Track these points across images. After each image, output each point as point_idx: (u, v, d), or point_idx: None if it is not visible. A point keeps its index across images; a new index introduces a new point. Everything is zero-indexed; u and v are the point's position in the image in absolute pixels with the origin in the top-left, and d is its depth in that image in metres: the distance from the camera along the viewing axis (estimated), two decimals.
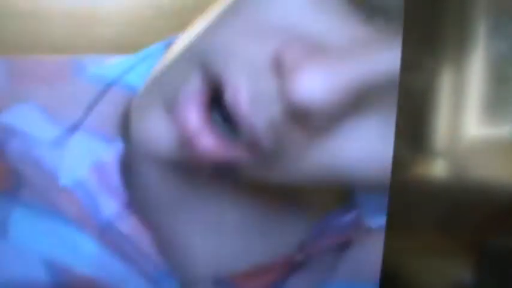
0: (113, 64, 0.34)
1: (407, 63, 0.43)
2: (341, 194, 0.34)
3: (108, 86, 0.33)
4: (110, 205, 0.30)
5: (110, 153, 0.31)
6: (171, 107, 0.28)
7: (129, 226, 0.30)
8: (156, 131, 0.28)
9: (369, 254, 0.33)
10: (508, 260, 0.41)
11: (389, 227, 0.42)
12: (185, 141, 0.27)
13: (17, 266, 0.30)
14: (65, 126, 0.32)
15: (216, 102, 0.27)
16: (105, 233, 0.30)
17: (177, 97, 0.28)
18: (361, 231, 0.33)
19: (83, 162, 0.31)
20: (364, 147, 0.30)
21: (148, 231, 0.31)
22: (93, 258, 0.31)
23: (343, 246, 0.33)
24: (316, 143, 0.29)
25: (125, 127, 0.31)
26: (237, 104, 0.26)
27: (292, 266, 0.32)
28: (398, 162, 0.42)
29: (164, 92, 0.29)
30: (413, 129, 0.43)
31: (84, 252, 0.31)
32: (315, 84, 0.25)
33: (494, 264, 0.42)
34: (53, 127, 0.32)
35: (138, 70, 0.33)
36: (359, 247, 0.34)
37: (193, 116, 0.27)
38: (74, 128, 0.32)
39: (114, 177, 0.31)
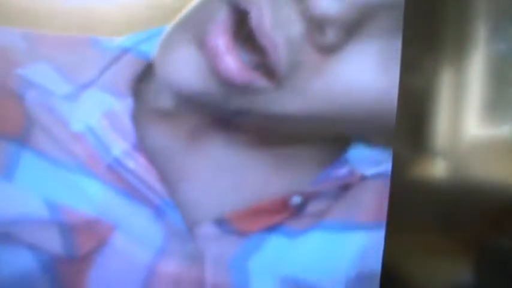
0: (127, 37, 0.37)
1: (407, 63, 0.43)
2: (337, 147, 0.36)
3: (123, 51, 0.36)
4: (119, 145, 0.34)
5: (121, 105, 0.35)
6: (201, 39, 0.32)
7: (137, 163, 0.34)
8: (185, 62, 0.33)
9: (364, 197, 0.35)
10: (508, 260, 0.41)
11: (390, 227, 0.42)
12: (211, 66, 0.31)
13: (19, 206, 0.34)
14: (78, 84, 0.35)
15: (241, 33, 0.31)
16: (113, 170, 0.34)
17: (206, 29, 0.32)
18: (356, 179, 0.35)
19: (95, 111, 0.35)
20: (367, 73, 0.33)
21: (155, 170, 0.34)
22: (96, 200, 0.34)
23: (341, 191, 0.35)
24: (325, 67, 0.32)
25: (137, 87, 0.35)
26: (262, 24, 0.30)
27: (289, 210, 0.34)
28: (398, 162, 0.42)
29: (193, 27, 0.33)
30: (413, 129, 0.43)
31: (88, 195, 0.34)
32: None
33: (494, 264, 0.42)
34: (67, 84, 0.35)
35: (152, 42, 0.36)
36: (355, 192, 0.35)
37: (220, 41, 0.31)
38: (87, 85, 0.35)
39: (125, 122, 0.34)
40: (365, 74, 0.33)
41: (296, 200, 0.34)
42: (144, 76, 0.36)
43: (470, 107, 0.42)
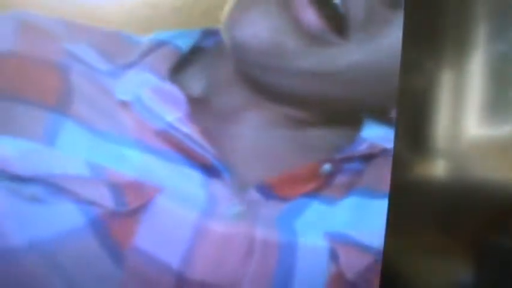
0: (161, 32, 0.41)
1: (407, 63, 0.43)
2: (352, 128, 0.40)
3: (161, 43, 0.40)
4: (172, 113, 0.38)
5: (167, 83, 0.39)
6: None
7: (192, 129, 0.38)
8: (263, 20, 0.38)
9: (384, 170, 0.39)
10: (508, 260, 0.41)
11: (390, 227, 0.42)
12: (293, 19, 0.37)
13: (63, 168, 0.36)
14: (119, 64, 0.39)
15: None
16: (165, 135, 0.37)
17: None
18: (377, 150, 0.40)
19: (141, 86, 0.38)
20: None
21: (207, 138, 0.38)
22: (138, 164, 0.37)
23: (363, 165, 0.39)
24: (389, 22, 0.38)
25: (172, 76, 0.39)
26: None
27: (320, 178, 0.38)
28: (399, 162, 0.42)
29: None
30: (413, 129, 0.43)
31: (129, 159, 0.37)
32: None
33: (494, 264, 0.42)
34: (108, 63, 0.39)
35: (186, 38, 0.41)
36: (376, 165, 0.40)
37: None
38: (127, 67, 0.39)
39: (176, 94, 0.38)
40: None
41: (326, 168, 0.39)
42: (179, 66, 0.40)
43: (470, 107, 0.42)
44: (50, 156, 0.36)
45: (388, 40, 0.39)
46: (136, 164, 0.37)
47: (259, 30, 0.38)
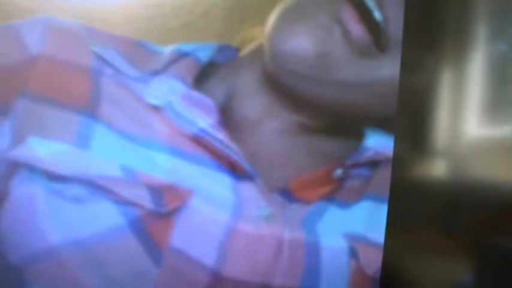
0: (183, 44, 0.44)
1: (407, 63, 0.43)
2: (355, 139, 0.43)
3: (184, 54, 0.42)
4: (205, 120, 0.40)
5: (195, 92, 0.41)
6: (332, 13, 0.40)
7: (224, 135, 0.40)
8: (305, 33, 0.40)
9: (384, 174, 0.42)
10: (507, 260, 0.41)
11: (390, 227, 0.42)
12: (342, 31, 0.39)
13: (96, 169, 0.38)
14: (145, 71, 0.41)
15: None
16: (199, 140, 0.39)
17: (337, 7, 0.40)
18: (382, 158, 0.42)
19: (172, 92, 0.40)
20: None
21: (236, 143, 0.40)
22: (166, 168, 0.38)
23: (371, 172, 0.43)
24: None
25: (198, 85, 0.42)
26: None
27: (334, 182, 0.41)
28: (399, 162, 0.42)
29: (315, 8, 0.40)
30: (413, 129, 0.43)
31: (157, 164, 0.38)
32: None
33: (494, 264, 0.42)
34: (136, 69, 0.41)
35: (207, 51, 0.43)
36: (382, 171, 0.43)
37: (353, 13, 0.39)
38: (154, 74, 0.41)
39: (207, 102, 0.40)
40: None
41: (338, 172, 0.41)
42: (200, 77, 0.42)
43: (470, 107, 0.42)
44: (85, 158, 0.38)
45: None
46: (166, 167, 0.39)
47: (307, 41, 0.40)
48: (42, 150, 0.38)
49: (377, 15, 0.40)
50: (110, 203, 0.37)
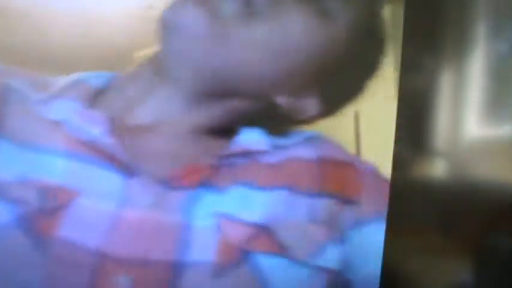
0: (80, 73, 0.54)
1: (407, 63, 0.43)
2: (229, 135, 0.51)
3: (79, 81, 0.52)
4: (97, 129, 0.47)
5: (88, 110, 0.49)
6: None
7: (112, 140, 0.47)
8: (193, 10, 0.49)
9: (261, 168, 0.50)
10: (507, 260, 0.41)
11: (390, 227, 0.42)
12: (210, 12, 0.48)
13: None
14: (47, 95, 0.50)
15: None
16: (90, 145, 0.47)
17: None
18: (244, 151, 0.50)
19: (68, 111, 0.49)
20: None
21: (123, 147, 0.47)
22: (62, 171, 0.45)
23: (243, 159, 0.50)
24: None
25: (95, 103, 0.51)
26: None
27: (210, 171, 0.48)
28: (399, 162, 0.42)
29: None
30: (413, 129, 0.43)
31: (54, 168, 0.45)
32: None
33: (494, 264, 0.42)
34: (39, 93, 0.50)
35: (100, 78, 0.54)
36: (252, 161, 0.50)
37: None
38: (54, 97, 0.50)
39: (98, 115, 0.48)
40: None
41: (210, 160, 0.48)
42: (97, 96, 0.52)
43: (470, 107, 0.42)
44: None
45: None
46: (60, 171, 0.45)
47: (193, 17, 0.48)
48: None
49: None
50: (1, 203, 0.43)
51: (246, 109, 0.53)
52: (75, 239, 0.43)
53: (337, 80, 0.56)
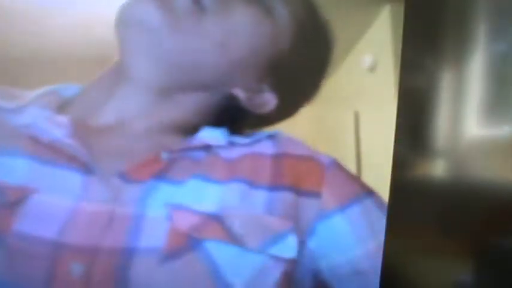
0: (53, 86, 0.59)
1: (407, 63, 0.43)
2: (190, 131, 0.55)
3: (50, 92, 0.57)
4: (60, 131, 0.51)
5: (55, 115, 0.53)
6: None
7: (73, 141, 0.50)
8: (148, 6, 0.52)
9: (216, 162, 0.53)
10: (508, 260, 0.41)
11: (390, 227, 0.42)
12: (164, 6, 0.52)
13: None
14: (19, 105, 0.54)
15: None
16: (52, 145, 0.50)
17: None
18: (203, 145, 0.54)
19: (37, 116, 0.52)
20: None
21: (84, 146, 0.50)
22: (25, 172, 0.48)
23: (199, 158, 0.53)
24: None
25: (62, 112, 0.55)
26: None
27: (162, 162, 0.51)
28: (398, 162, 0.42)
29: None
30: (413, 129, 0.43)
31: (17, 170, 0.48)
32: None
33: (494, 264, 0.42)
34: (12, 104, 0.54)
35: (69, 89, 0.59)
36: (209, 158, 0.53)
37: None
38: (26, 105, 0.54)
39: (62, 119, 0.52)
40: None
41: (165, 155, 0.51)
42: (62, 108, 0.56)
43: (470, 107, 0.42)
44: None
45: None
46: (22, 171, 0.48)
47: (147, 11, 0.52)
48: None
49: None
50: None
51: (209, 103, 0.56)
52: (32, 231, 0.45)
53: (288, 76, 0.59)
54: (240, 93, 0.56)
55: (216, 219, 0.48)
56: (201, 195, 0.49)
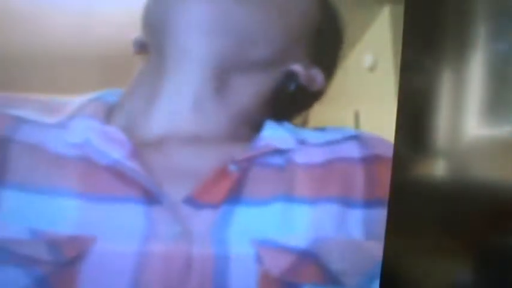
0: (94, 93, 0.50)
1: (407, 63, 0.43)
2: (253, 129, 0.47)
3: (93, 99, 0.48)
4: (118, 152, 0.44)
5: (108, 127, 0.45)
6: None
7: (136, 163, 0.43)
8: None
9: (300, 176, 0.45)
10: (508, 259, 0.41)
11: (390, 227, 0.42)
12: None
13: (6, 233, 0.41)
14: (63, 116, 0.47)
15: None
16: (111, 169, 0.43)
17: None
18: (270, 149, 0.46)
19: (86, 130, 0.45)
20: None
21: (144, 169, 0.43)
22: (75, 214, 0.41)
23: (280, 157, 0.46)
24: None
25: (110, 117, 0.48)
26: None
27: (232, 176, 0.44)
28: (399, 162, 0.42)
29: None
30: (413, 129, 0.43)
31: (65, 213, 0.41)
32: None
33: (494, 264, 0.42)
34: (53, 117, 0.46)
35: (113, 95, 0.50)
36: (292, 166, 0.45)
37: None
38: (71, 117, 0.46)
39: (119, 135, 0.45)
40: None
41: (232, 167, 0.44)
42: (110, 115, 0.48)
43: (470, 107, 0.42)
44: None
45: None
46: (75, 214, 0.42)
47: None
48: None
49: None
50: (16, 267, 0.40)
51: (269, 85, 0.48)
52: None
53: (323, 48, 0.54)
54: (299, 69, 0.50)
55: (310, 257, 0.42)
56: (290, 224, 0.43)
